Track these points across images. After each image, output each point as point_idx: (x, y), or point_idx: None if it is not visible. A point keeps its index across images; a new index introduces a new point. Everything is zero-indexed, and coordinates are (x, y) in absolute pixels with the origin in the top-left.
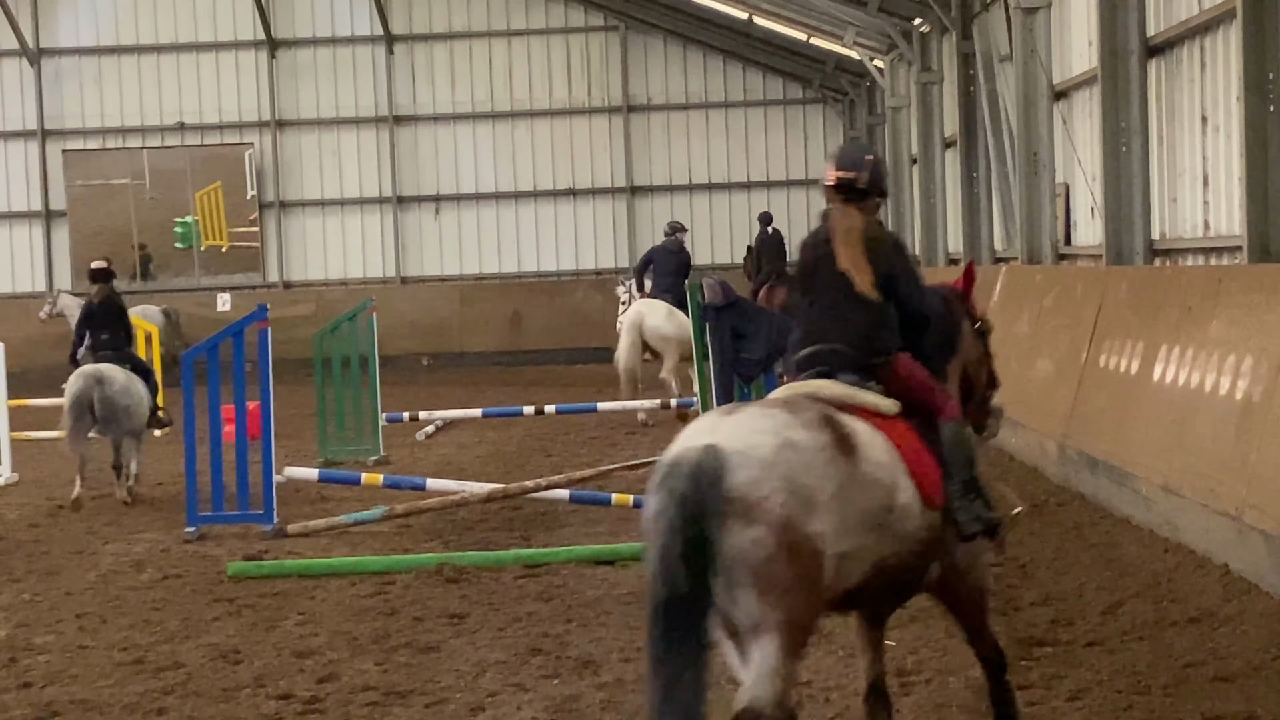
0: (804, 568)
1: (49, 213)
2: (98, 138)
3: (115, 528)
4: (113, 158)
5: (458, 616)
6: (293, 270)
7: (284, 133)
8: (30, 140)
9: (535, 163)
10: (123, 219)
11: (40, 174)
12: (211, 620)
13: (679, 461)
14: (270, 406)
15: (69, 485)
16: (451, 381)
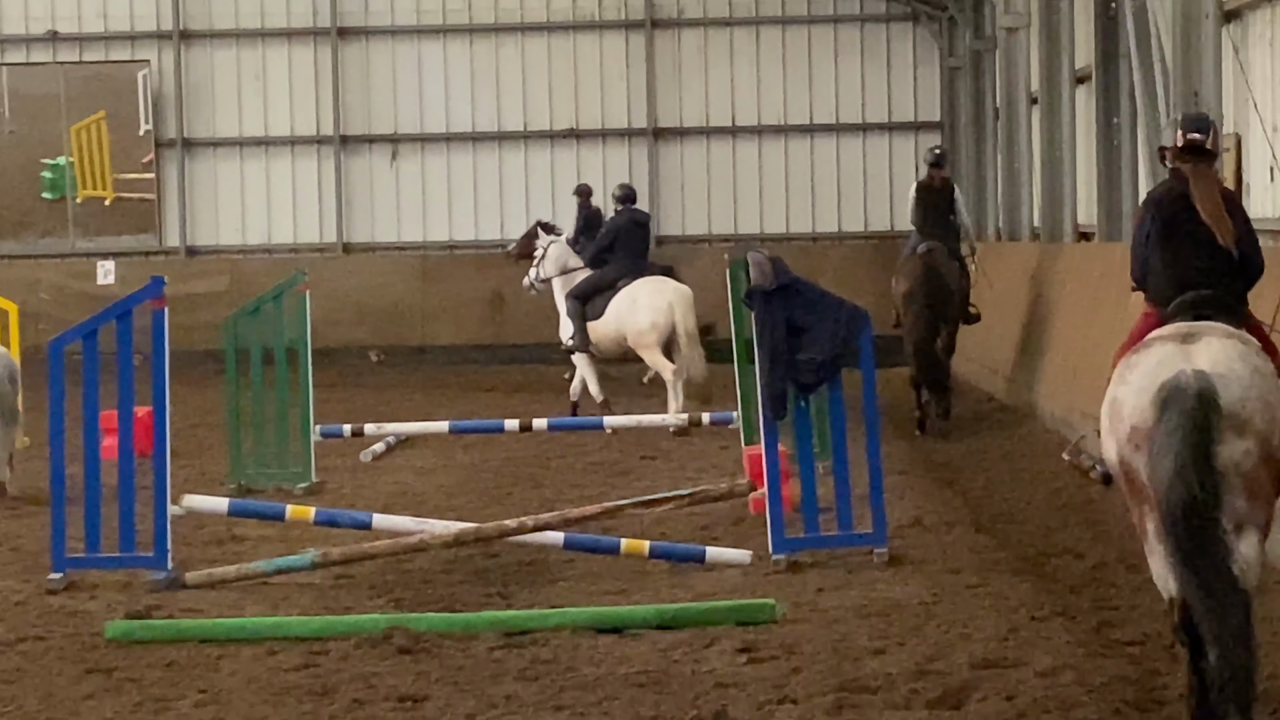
0: (1275, 475)
1: None
2: None
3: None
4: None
5: (412, 700)
6: (199, 232)
7: (190, 47)
8: None
9: (526, 94)
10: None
11: None
12: (83, 698)
13: (1181, 385)
14: (165, 414)
15: None
16: (409, 384)
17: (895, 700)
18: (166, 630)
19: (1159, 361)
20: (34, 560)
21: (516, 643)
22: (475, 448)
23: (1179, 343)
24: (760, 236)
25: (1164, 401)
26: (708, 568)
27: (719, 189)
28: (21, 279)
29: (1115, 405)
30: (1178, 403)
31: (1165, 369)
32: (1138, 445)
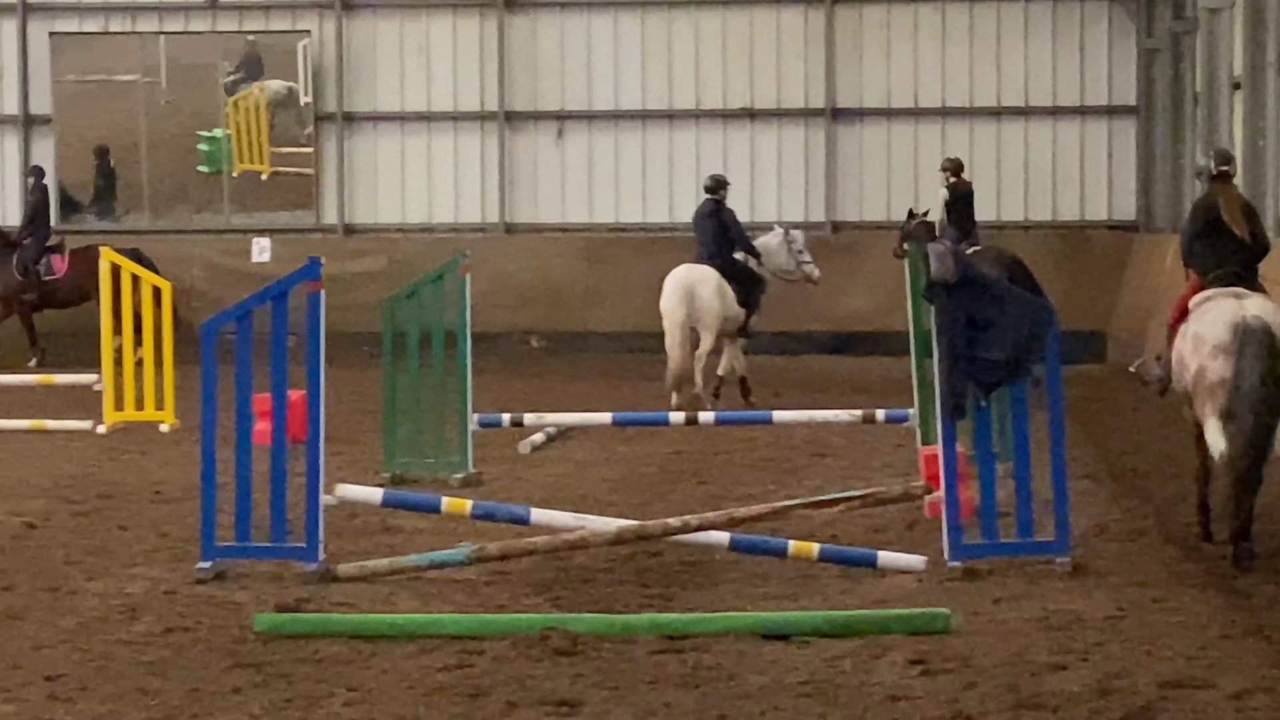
0: None
1: (28, 118)
2: (98, 16)
3: (103, 558)
4: (118, 45)
5: (568, 705)
6: (358, 210)
7: (352, 17)
8: (7, 18)
9: (699, 71)
10: (128, 128)
11: (19, 65)
12: (229, 693)
13: (1250, 324)
14: (320, 398)
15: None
16: (571, 372)
17: (1076, 718)
18: (317, 624)
19: (1224, 309)
20: (182, 549)
21: (677, 647)
22: (638, 440)
23: (1233, 299)
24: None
25: (1240, 332)
26: (879, 573)
27: (899, 173)
28: (175, 255)
29: (1197, 335)
30: (1254, 334)
31: (1230, 313)
32: (1216, 356)
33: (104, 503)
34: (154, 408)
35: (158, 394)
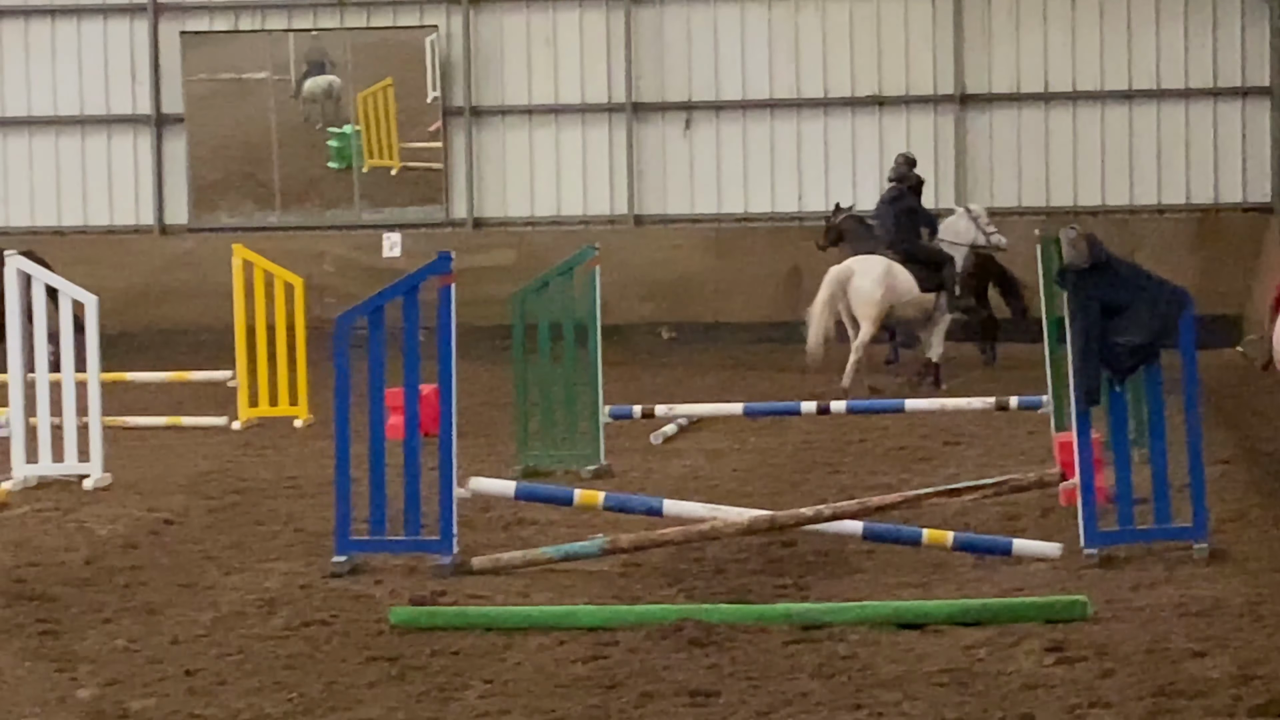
0: None
1: (160, 117)
2: (228, 15)
3: (239, 552)
4: (247, 43)
5: (703, 695)
6: (487, 203)
7: (480, 12)
8: (138, 18)
9: (827, 58)
10: (258, 127)
11: (150, 65)
12: (366, 686)
13: None
14: (452, 392)
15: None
16: (702, 363)
17: (1216, 706)
18: (452, 617)
19: None
20: (317, 543)
21: (812, 637)
22: (769, 431)
23: None
24: (1073, 209)
25: None
26: (1014, 561)
27: (1030, 159)
28: (307, 251)
29: None
30: None
31: None
32: None
33: (240, 498)
34: (288, 403)
35: (291, 390)
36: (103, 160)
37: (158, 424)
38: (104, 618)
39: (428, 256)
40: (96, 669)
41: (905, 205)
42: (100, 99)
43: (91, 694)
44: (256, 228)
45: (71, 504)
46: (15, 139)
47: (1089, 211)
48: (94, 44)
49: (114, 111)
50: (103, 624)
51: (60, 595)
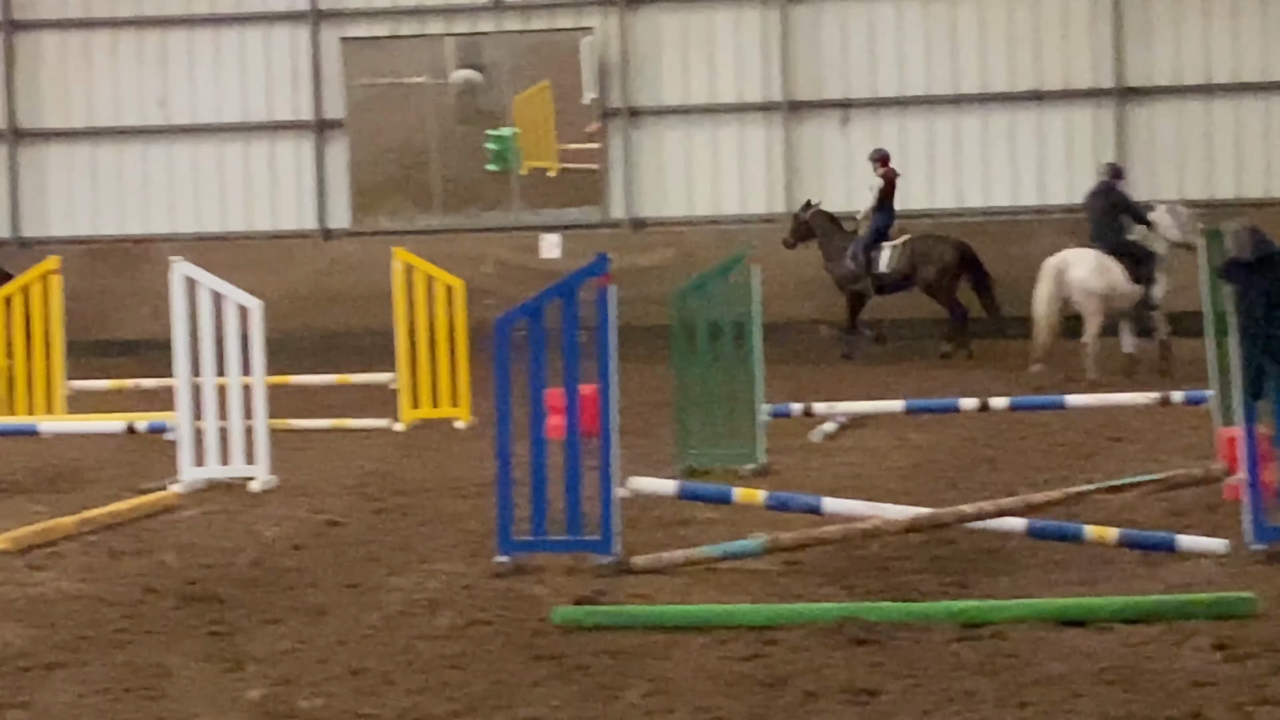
0: None
1: (322, 122)
2: (387, 20)
3: (404, 554)
4: (407, 48)
5: (866, 693)
6: (645, 204)
7: (636, 12)
8: (299, 25)
9: (984, 53)
10: (417, 131)
11: (311, 71)
12: (530, 685)
13: None
14: (612, 393)
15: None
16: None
17: None
18: (614, 616)
19: None
20: (480, 543)
21: (975, 635)
22: (930, 428)
23: None
24: (1236, 202)
25: None
26: (1179, 557)
27: (1192, 151)
28: (467, 253)
29: None
30: None
31: None
32: None
33: (403, 499)
34: (449, 405)
35: (452, 391)
36: (266, 166)
37: (322, 426)
38: (272, 618)
39: (586, 257)
40: (265, 669)
41: (1113, 200)
42: (263, 106)
43: (260, 694)
44: (417, 231)
45: (239, 506)
46: (181, 146)
47: (1252, 204)
48: (257, 51)
49: (276, 118)
50: (270, 625)
51: (229, 596)
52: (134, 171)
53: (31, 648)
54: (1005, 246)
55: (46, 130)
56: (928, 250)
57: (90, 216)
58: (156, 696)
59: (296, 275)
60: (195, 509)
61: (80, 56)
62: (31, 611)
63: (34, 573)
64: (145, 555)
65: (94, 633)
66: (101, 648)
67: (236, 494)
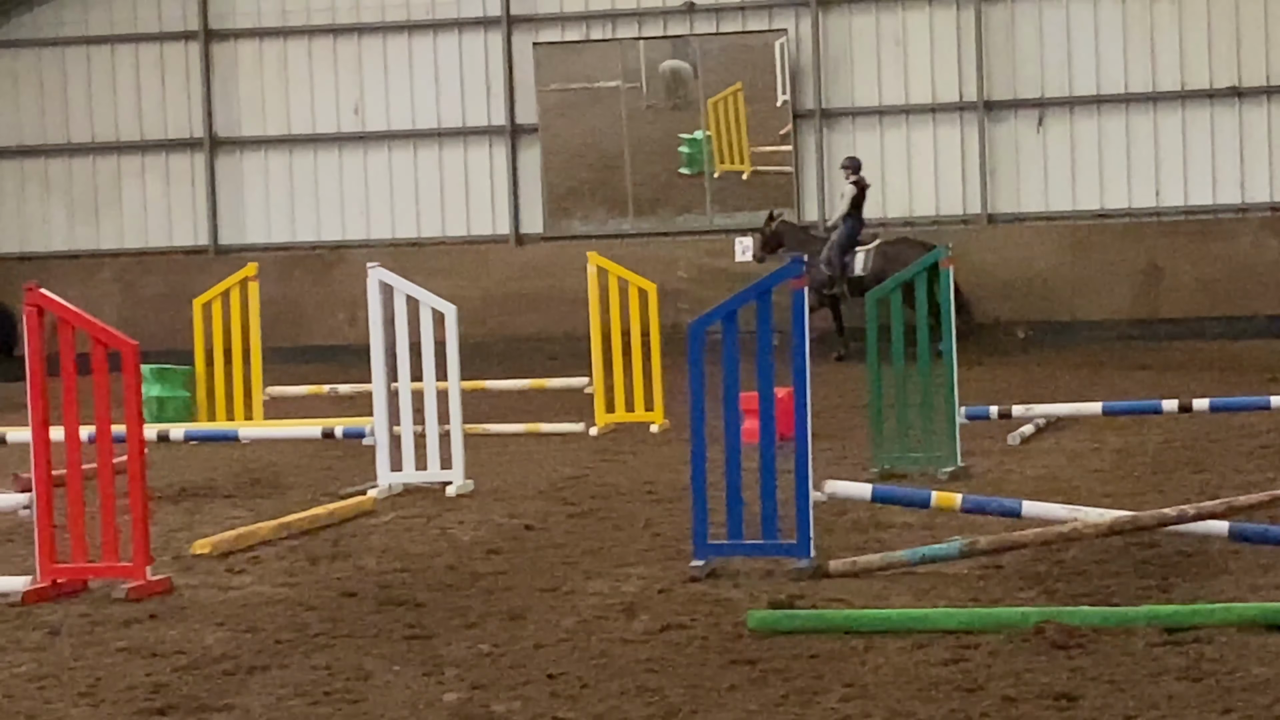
0: None
1: (515, 128)
2: (579, 25)
3: (599, 558)
4: (599, 52)
5: (1066, 698)
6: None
7: (829, 14)
8: (492, 30)
9: (1183, 50)
10: (610, 135)
11: (505, 76)
12: (727, 689)
13: None
14: (806, 395)
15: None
16: (1059, 362)
17: None
18: (810, 621)
19: None
20: (675, 547)
21: (1177, 639)
22: (1129, 430)
23: None
24: None
25: None
26: None
27: None
28: (659, 257)
29: None
30: None
31: None
32: None
33: (598, 503)
34: (644, 409)
35: (647, 395)
36: (460, 171)
37: (517, 431)
38: (469, 622)
39: (780, 260)
40: (462, 672)
41: None
42: (456, 111)
43: (458, 697)
44: (610, 235)
45: (435, 511)
46: (375, 153)
47: None
48: (450, 58)
49: (470, 123)
50: (467, 628)
51: (426, 600)
52: (329, 178)
53: (233, 651)
54: (1206, 245)
55: (243, 139)
56: (900, 252)
57: (286, 224)
58: (355, 699)
59: (490, 280)
60: (392, 513)
61: (276, 65)
62: (232, 615)
63: (234, 577)
64: (343, 559)
65: (294, 636)
66: (301, 651)
67: (433, 498)
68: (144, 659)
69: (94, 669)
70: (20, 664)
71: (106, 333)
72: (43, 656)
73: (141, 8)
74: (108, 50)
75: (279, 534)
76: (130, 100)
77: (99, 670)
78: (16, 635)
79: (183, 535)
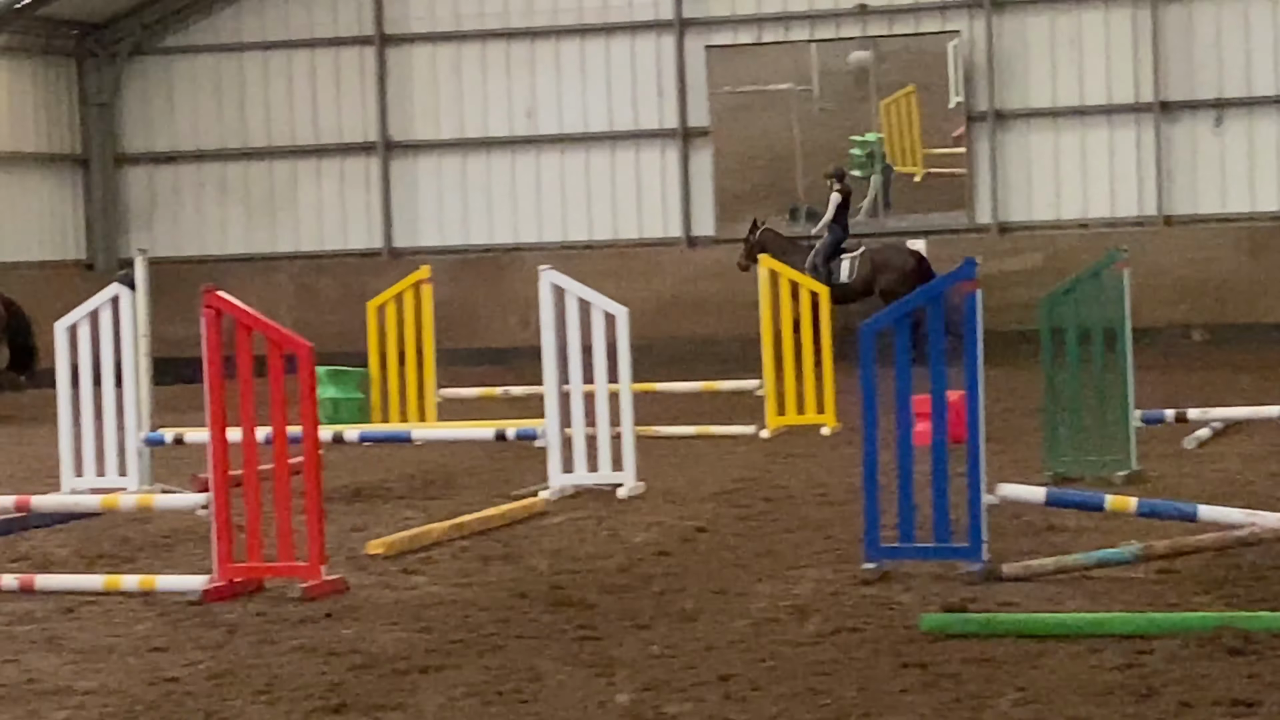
0: None
1: (686, 130)
2: (752, 28)
3: (769, 561)
4: (771, 55)
5: (1244, 704)
6: (1012, 208)
7: (1002, 15)
8: (664, 33)
9: None
10: (782, 138)
11: (676, 79)
12: (899, 693)
13: None
14: (979, 398)
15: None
16: (1236, 364)
17: None
18: (983, 624)
19: None
20: (846, 550)
21: None
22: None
23: None
24: None
25: None
26: None
27: None
28: None
29: None
30: None
31: None
32: None
33: (769, 505)
34: (814, 411)
35: (818, 398)
36: (631, 174)
37: (688, 433)
38: (640, 624)
39: (952, 262)
40: (634, 674)
41: None
42: (629, 114)
43: (629, 698)
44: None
45: (606, 512)
46: (548, 156)
47: None
48: (622, 60)
49: (642, 126)
50: (639, 630)
51: (598, 602)
52: (502, 181)
53: (406, 651)
54: None
55: (417, 142)
56: (887, 258)
57: (459, 226)
58: (528, 700)
59: (661, 282)
60: (564, 515)
61: (450, 69)
62: (406, 615)
63: (408, 577)
64: (515, 560)
65: (466, 636)
66: (474, 651)
67: (604, 500)
68: (319, 658)
69: (270, 667)
70: (199, 661)
71: (282, 335)
72: (220, 654)
73: (317, 13)
74: (284, 55)
75: (452, 535)
76: (306, 104)
77: (275, 669)
78: (195, 633)
79: (357, 536)
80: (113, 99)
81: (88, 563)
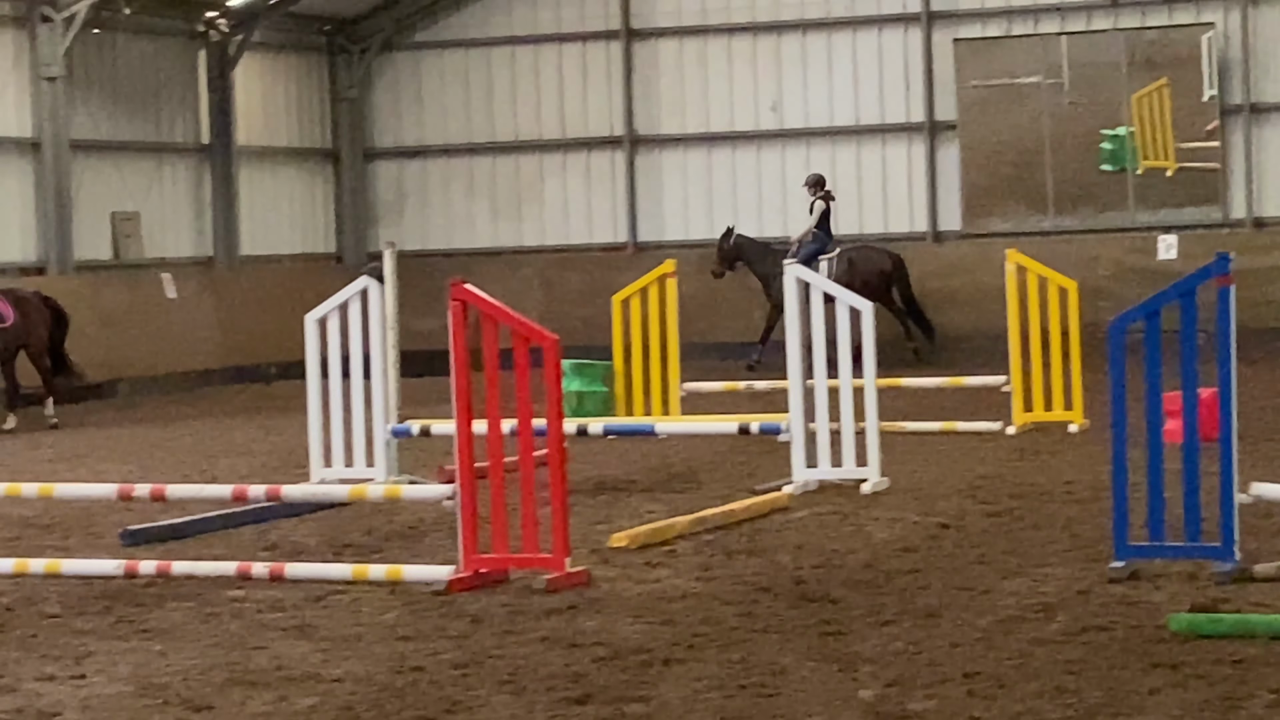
0: None
1: (934, 124)
2: (1000, 21)
3: (1015, 558)
4: (1022, 48)
5: None
6: (1267, 202)
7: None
8: (912, 27)
9: None
10: (1030, 131)
11: (924, 73)
12: (1147, 693)
13: None
14: (1231, 396)
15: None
16: None
17: None
18: (1234, 625)
19: None
20: (1094, 548)
21: None
22: None
23: None
24: None
25: None
26: None
27: None
28: (1080, 255)
29: None
30: None
31: None
32: None
33: (1016, 503)
34: (1062, 408)
35: (1066, 394)
36: (878, 169)
37: (932, 429)
38: (884, 620)
39: (1204, 258)
40: (878, 670)
41: None
42: (875, 108)
43: (873, 695)
44: (1029, 232)
45: (850, 508)
46: (793, 151)
47: None
48: (869, 54)
49: (888, 120)
50: (883, 626)
51: (841, 597)
52: (747, 176)
53: (649, 643)
54: None
55: (662, 136)
56: (866, 257)
57: (704, 220)
58: (770, 694)
59: None
60: (807, 510)
61: (695, 62)
62: (649, 608)
63: (651, 570)
64: (759, 555)
65: (709, 630)
66: (716, 645)
67: (848, 495)
68: (563, 649)
69: (514, 658)
70: (444, 651)
71: (528, 328)
72: (465, 644)
73: (565, 8)
74: (532, 50)
75: (695, 528)
76: (553, 99)
77: (519, 659)
78: (441, 623)
79: (600, 528)
80: (362, 94)
81: (336, 552)
